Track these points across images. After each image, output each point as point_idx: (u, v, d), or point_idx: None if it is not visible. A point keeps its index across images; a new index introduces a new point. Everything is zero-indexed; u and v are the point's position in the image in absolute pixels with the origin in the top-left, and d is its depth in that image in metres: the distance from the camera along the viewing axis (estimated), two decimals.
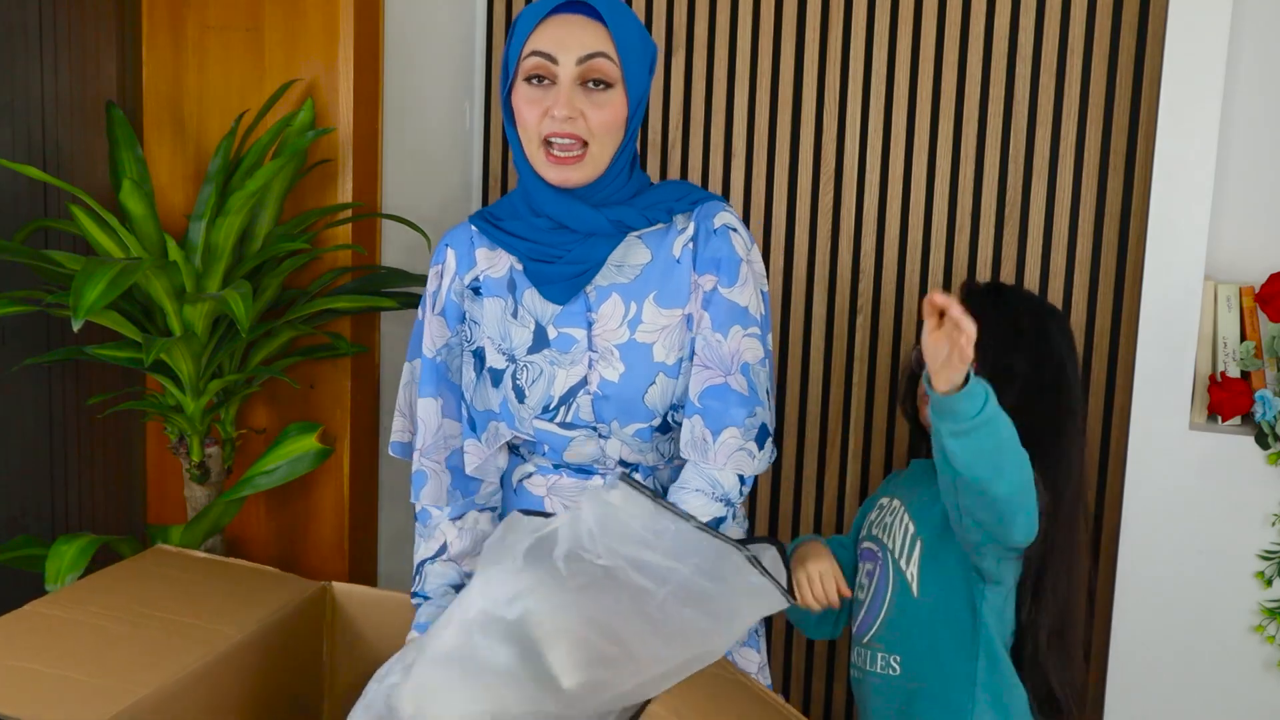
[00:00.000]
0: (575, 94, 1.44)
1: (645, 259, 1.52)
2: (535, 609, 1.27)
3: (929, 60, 2.20)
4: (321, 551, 2.28)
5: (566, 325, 1.52)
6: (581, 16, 1.45)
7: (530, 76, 1.46)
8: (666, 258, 1.52)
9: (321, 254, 2.17)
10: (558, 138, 1.45)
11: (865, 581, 1.69)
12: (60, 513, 2.15)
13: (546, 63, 1.44)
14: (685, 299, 1.52)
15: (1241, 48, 1.97)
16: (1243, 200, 2.01)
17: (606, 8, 1.46)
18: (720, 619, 1.30)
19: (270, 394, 2.26)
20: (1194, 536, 1.96)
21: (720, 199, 1.57)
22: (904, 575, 1.63)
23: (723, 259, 1.50)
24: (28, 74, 2.04)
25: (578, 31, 1.44)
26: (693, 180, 2.36)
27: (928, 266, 2.24)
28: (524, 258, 1.53)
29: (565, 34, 1.44)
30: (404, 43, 2.29)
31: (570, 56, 1.44)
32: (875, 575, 1.67)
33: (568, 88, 1.44)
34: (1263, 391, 1.91)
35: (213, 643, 1.40)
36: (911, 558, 1.62)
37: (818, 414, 2.34)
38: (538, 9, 1.47)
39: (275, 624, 1.50)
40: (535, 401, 1.52)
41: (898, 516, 1.67)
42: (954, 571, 1.59)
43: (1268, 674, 1.94)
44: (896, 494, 1.72)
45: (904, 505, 1.68)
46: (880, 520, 1.71)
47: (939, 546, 1.60)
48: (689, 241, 1.52)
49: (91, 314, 1.67)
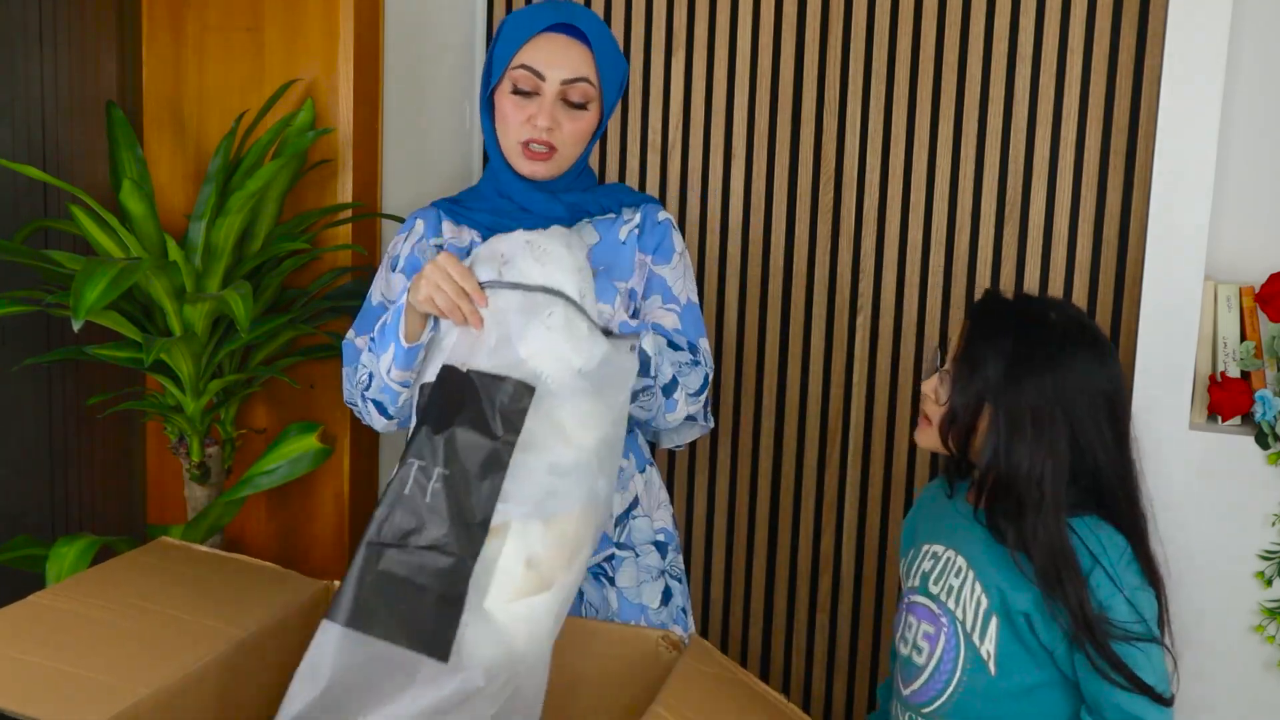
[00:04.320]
0: (556, 108, 1.62)
1: (594, 240, 1.69)
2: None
3: (929, 60, 2.20)
4: (321, 551, 2.28)
5: None
6: (569, 38, 1.61)
7: (518, 87, 1.62)
8: (613, 241, 1.69)
9: (321, 254, 2.17)
10: (535, 142, 1.62)
11: (924, 645, 1.51)
12: (60, 513, 2.15)
13: (534, 78, 1.61)
14: (630, 274, 1.67)
15: (1241, 48, 1.97)
16: (1243, 200, 2.01)
17: (594, 34, 1.62)
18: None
19: (270, 394, 2.26)
20: (1194, 536, 1.96)
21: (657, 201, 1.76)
22: (979, 652, 1.46)
23: (661, 243, 1.71)
24: (28, 74, 2.03)
25: (565, 53, 1.61)
26: (693, 180, 2.37)
27: (928, 266, 2.24)
28: (484, 229, 1.66)
29: (554, 54, 1.60)
30: (404, 43, 2.29)
31: (556, 76, 1.60)
32: (939, 643, 1.49)
33: (550, 102, 1.61)
34: (1263, 391, 1.91)
35: (215, 641, 1.40)
36: (987, 634, 1.45)
37: (818, 414, 2.34)
38: (531, 23, 1.61)
39: (277, 624, 1.49)
40: None
41: (965, 580, 1.47)
42: (1043, 655, 1.44)
43: (1268, 674, 1.94)
44: (953, 544, 1.51)
45: (970, 566, 1.47)
46: (942, 579, 1.50)
47: (1024, 626, 1.44)
48: (635, 228, 1.70)
49: (91, 314, 1.66)
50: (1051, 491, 1.40)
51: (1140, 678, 1.37)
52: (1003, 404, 1.42)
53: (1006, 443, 1.42)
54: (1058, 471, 1.40)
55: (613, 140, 2.42)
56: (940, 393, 1.49)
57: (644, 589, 1.68)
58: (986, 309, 1.50)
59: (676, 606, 1.73)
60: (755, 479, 2.40)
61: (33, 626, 1.39)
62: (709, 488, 2.44)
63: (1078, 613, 1.37)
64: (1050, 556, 1.38)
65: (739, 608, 2.45)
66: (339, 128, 2.19)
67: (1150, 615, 1.41)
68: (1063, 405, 1.42)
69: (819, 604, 2.38)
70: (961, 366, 1.46)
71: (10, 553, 1.92)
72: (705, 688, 1.35)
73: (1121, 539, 1.42)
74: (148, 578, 1.56)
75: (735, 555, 2.43)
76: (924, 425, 1.52)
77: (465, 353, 1.38)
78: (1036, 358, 1.43)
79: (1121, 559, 1.41)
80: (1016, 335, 1.44)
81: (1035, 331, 1.45)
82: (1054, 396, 1.41)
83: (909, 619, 1.54)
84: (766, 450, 2.39)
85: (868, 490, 2.33)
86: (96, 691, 1.27)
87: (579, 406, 1.35)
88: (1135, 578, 1.41)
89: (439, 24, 2.37)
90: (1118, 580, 1.39)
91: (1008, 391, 1.42)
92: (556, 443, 1.34)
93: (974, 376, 1.44)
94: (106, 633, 1.39)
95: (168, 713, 1.30)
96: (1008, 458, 1.41)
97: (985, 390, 1.43)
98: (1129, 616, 1.39)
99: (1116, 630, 1.37)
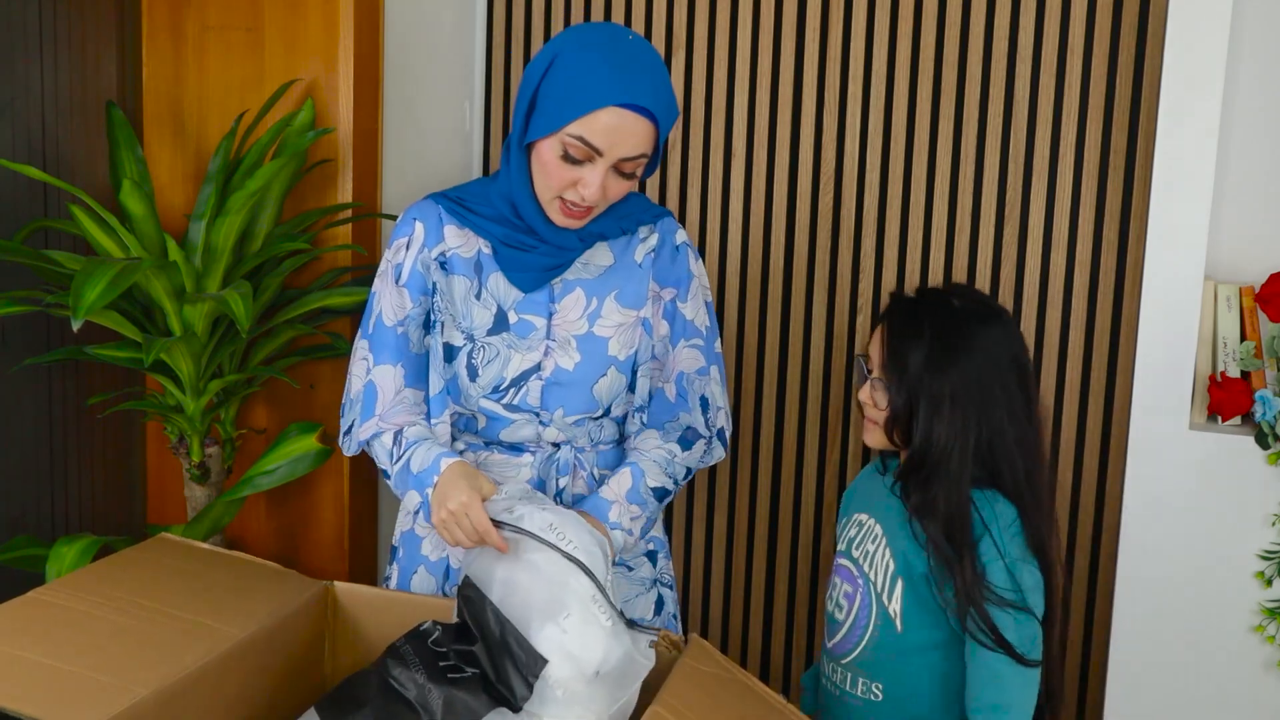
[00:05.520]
0: (607, 177, 1.49)
1: (609, 261, 1.62)
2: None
3: (929, 60, 2.20)
4: (321, 551, 2.28)
5: (528, 312, 1.59)
6: (636, 115, 1.45)
7: (569, 154, 1.47)
8: (629, 263, 1.62)
9: (321, 254, 2.17)
10: (576, 204, 1.50)
11: (844, 603, 1.62)
12: (60, 513, 2.15)
13: (591, 151, 1.46)
14: (643, 303, 1.62)
15: (1241, 48, 1.97)
16: (1243, 200, 2.01)
17: (661, 109, 1.47)
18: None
19: (270, 394, 2.26)
20: (1194, 536, 1.95)
21: (671, 214, 1.69)
22: (886, 610, 1.57)
23: (682, 276, 1.65)
24: (28, 74, 2.04)
25: (631, 134, 1.46)
26: (692, 180, 2.37)
27: (928, 266, 2.24)
28: (498, 243, 1.58)
29: (616, 134, 1.45)
30: (404, 43, 2.29)
31: (615, 154, 1.46)
32: (856, 601, 1.61)
33: (601, 174, 1.47)
34: (1263, 391, 1.91)
35: (215, 641, 1.40)
36: (894, 594, 1.56)
37: (818, 414, 2.34)
38: (594, 92, 1.44)
39: (277, 623, 1.49)
40: (487, 381, 1.58)
41: (879, 546, 1.59)
42: (941, 615, 1.54)
43: (1268, 674, 1.94)
44: (874, 513, 1.62)
45: (884, 534, 1.59)
46: (860, 543, 1.62)
47: (924, 589, 1.54)
48: (651, 251, 1.63)
49: (91, 314, 1.66)
50: (958, 464, 1.51)
51: (1003, 635, 1.48)
52: (927, 390, 1.53)
53: (927, 423, 1.53)
54: (966, 447, 1.52)
55: None
56: (877, 398, 1.59)
57: (637, 602, 1.68)
58: (896, 310, 1.60)
59: (669, 614, 1.73)
60: (755, 479, 2.40)
61: (31, 623, 1.39)
62: (709, 488, 2.44)
63: (960, 574, 1.49)
64: (948, 523, 1.51)
65: (739, 608, 2.45)
66: (339, 128, 2.19)
67: (1029, 586, 1.50)
68: (980, 383, 1.53)
69: (819, 604, 2.38)
70: (890, 371, 1.57)
71: (10, 553, 1.92)
72: (705, 687, 1.35)
73: (1012, 512, 1.52)
74: (148, 574, 1.55)
75: (735, 555, 2.44)
76: (869, 427, 1.62)
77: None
78: (951, 343, 1.54)
79: (1008, 530, 1.51)
80: (930, 327, 1.55)
81: (945, 320, 1.56)
82: (974, 376, 1.53)
83: (835, 579, 1.66)
84: (766, 450, 2.39)
85: None
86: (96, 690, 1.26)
87: (590, 708, 1.33)
88: (1018, 549, 1.51)
89: (439, 23, 2.37)
90: (1001, 549, 1.50)
91: (933, 379, 1.53)
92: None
93: (903, 376, 1.55)
94: (106, 630, 1.39)
95: (168, 712, 1.30)
96: (927, 436, 1.53)
97: (916, 384, 1.54)
98: (1006, 584, 1.49)
99: (992, 595, 1.49)
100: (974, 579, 1.49)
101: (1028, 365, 1.59)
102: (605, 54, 1.45)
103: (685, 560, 2.46)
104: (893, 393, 1.56)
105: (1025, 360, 1.59)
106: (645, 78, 1.46)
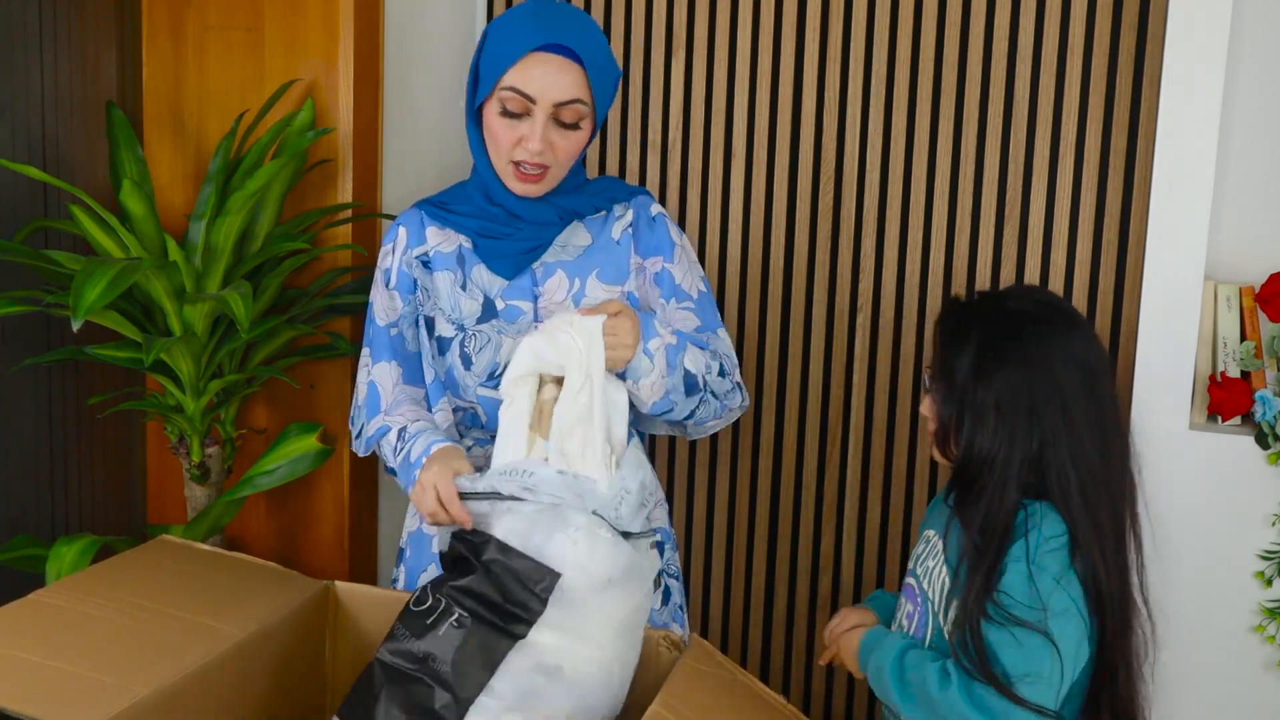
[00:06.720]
0: (549, 129, 1.54)
1: (586, 241, 1.65)
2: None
3: (929, 60, 2.20)
4: (321, 551, 2.28)
5: (514, 298, 1.63)
6: (561, 58, 1.51)
7: (507, 109, 1.53)
8: (607, 241, 1.66)
9: (321, 254, 2.17)
10: (527, 164, 1.55)
11: (905, 622, 1.55)
12: (60, 513, 2.15)
13: (524, 101, 1.52)
14: (624, 277, 1.65)
15: (1241, 48, 1.97)
16: (1243, 200, 2.01)
17: (586, 51, 1.52)
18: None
19: (270, 394, 2.26)
20: (1194, 536, 1.96)
21: (648, 193, 1.72)
22: (942, 630, 1.48)
23: (663, 242, 1.67)
24: (28, 74, 2.03)
25: (557, 76, 1.51)
26: (692, 180, 2.37)
27: (928, 266, 2.24)
28: (474, 235, 1.63)
29: (545, 77, 1.51)
30: (404, 43, 2.29)
31: (548, 100, 1.52)
32: (914, 620, 1.53)
33: (541, 125, 1.53)
34: (1263, 391, 1.91)
35: (215, 641, 1.40)
36: (949, 613, 1.46)
37: (818, 414, 2.34)
38: (518, 41, 1.51)
39: (278, 623, 1.49)
40: (481, 368, 1.62)
41: (938, 563, 1.50)
42: None
43: (1268, 674, 1.94)
44: (939, 530, 1.53)
45: (942, 550, 1.50)
46: (924, 559, 1.54)
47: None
48: (629, 226, 1.67)
49: (91, 314, 1.66)
50: (1000, 477, 1.41)
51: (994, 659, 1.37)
52: (972, 400, 1.44)
53: (970, 434, 1.44)
54: (1010, 460, 1.41)
55: (613, 140, 2.42)
56: (929, 411, 1.53)
57: None
58: (947, 318, 1.52)
59: (675, 604, 1.73)
60: (755, 479, 2.40)
61: (32, 625, 1.39)
62: (709, 487, 2.44)
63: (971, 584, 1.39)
64: (984, 531, 1.40)
65: (739, 608, 2.45)
66: (339, 128, 2.18)
67: (1057, 610, 1.38)
68: (1031, 391, 1.42)
69: (819, 604, 2.38)
70: (938, 381, 1.49)
71: (10, 553, 1.92)
72: (705, 687, 1.35)
73: (1060, 526, 1.41)
74: (148, 576, 1.55)
75: (735, 555, 2.43)
76: (931, 441, 1.55)
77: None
78: (1001, 350, 1.44)
79: (1048, 543, 1.40)
80: (978, 334, 1.46)
81: (997, 325, 1.47)
82: (1023, 384, 1.42)
83: (901, 599, 1.60)
84: (766, 450, 2.39)
85: (868, 490, 2.33)
86: (96, 690, 1.27)
87: (603, 609, 1.36)
88: (1058, 566, 1.40)
89: (439, 24, 2.37)
90: (1031, 556, 1.38)
91: (979, 388, 1.43)
92: (572, 642, 1.35)
93: (951, 387, 1.47)
94: (106, 631, 1.39)
95: (168, 712, 1.30)
96: (969, 448, 1.44)
97: (963, 394, 1.45)
98: (1023, 596, 1.37)
99: (997, 611, 1.37)
100: (982, 588, 1.38)
101: (1101, 373, 1.46)
102: (529, 10, 1.53)
103: (685, 560, 2.46)
104: (940, 404, 1.48)
105: (1098, 367, 1.46)
106: (568, 23, 1.52)
